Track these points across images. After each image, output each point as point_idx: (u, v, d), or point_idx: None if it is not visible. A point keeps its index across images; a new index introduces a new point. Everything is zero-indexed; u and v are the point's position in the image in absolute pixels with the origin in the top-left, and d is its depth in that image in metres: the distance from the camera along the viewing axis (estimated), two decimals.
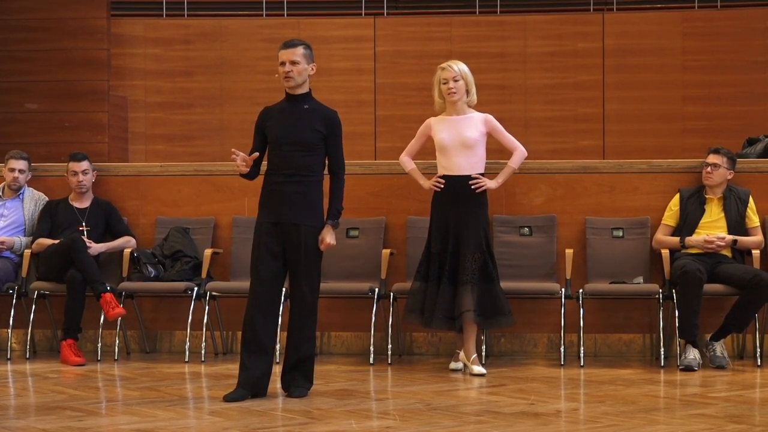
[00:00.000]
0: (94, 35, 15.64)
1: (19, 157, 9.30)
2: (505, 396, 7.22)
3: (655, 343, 8.71)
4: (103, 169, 9.52)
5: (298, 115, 7.16)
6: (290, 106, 7.21)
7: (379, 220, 9.13)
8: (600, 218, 9.01)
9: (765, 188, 8.84)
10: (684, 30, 15.30)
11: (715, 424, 6.21)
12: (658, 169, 9.11)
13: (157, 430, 6.10)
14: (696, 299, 8.25)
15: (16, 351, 9.10)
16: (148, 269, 8.93)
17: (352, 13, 15.75)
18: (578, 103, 15.27)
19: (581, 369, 8.34)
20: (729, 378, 7.94)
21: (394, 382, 7.95)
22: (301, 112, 7.17)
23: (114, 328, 8.93)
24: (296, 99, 7.21)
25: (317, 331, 9.00)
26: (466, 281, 8.04)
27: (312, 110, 7.19)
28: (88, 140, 14.48)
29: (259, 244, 7.10)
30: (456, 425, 6.23)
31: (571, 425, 6.42)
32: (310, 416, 6.53)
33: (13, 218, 9.25)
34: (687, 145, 13.38)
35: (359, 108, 15.44)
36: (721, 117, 14.74)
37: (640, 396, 7.22)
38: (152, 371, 8.30)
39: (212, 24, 15.04)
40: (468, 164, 8.15)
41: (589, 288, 8.63)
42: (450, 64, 8.20)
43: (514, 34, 15.41)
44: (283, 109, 7.22)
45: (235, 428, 6.14)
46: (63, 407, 6.80)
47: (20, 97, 15.45)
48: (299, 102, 7.20)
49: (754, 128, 10.73)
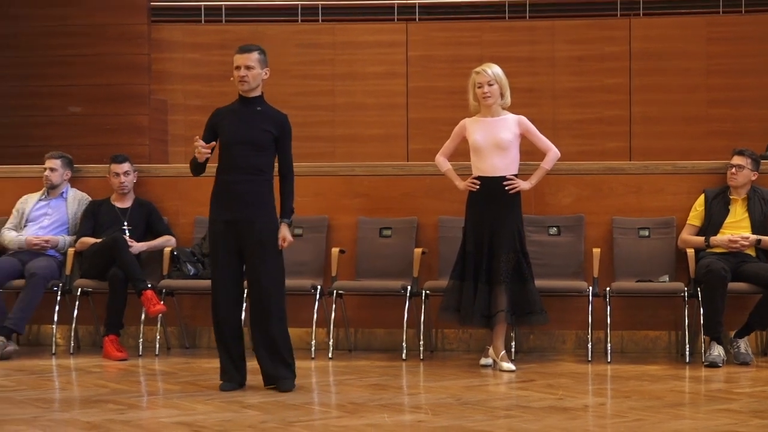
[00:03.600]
0: (134, 40, 15.71)
1: (51, 157, 9.36)
2: (533, 391, 7.23)
3: (680, 340, 8.70)
4: (144, 171, 9.57)
5: (250, 116, 7.26)
6: (243, 108, 7.30)
7: (411, 219, 9.14)
8: (627, 218, 9.00)
9: None
10: (709, 34, 15.27)
11: (739, 419, 6.20)
12: (683, 171, 9.09)
13: (196, 423, 6.13)
14: (720, 297, 8.24)
15: (61, 346, 9.15)
16: (187, 267, 8.97)
17: (385, 18, 15.77)
18: (605, 106, 15.25)
19: (608, 365, 8.33)
20: (753, 374, 7.92)
21: (426, 377, 7.96)
22: (253, 114, 7.27)
23: (155, 325, 8.97)
24: (249, 101, 7.30)
25: (351, 327, 9.08)
26: (501, 281, 8.04)
27: (264, 112, 7.30)
28: (129, 142, 14.53)
29: (216, 243, 7.24)
30: (486, 419, 6.24)
31: (598, 420, 6.42)
32: (345, 410, 6.56)
33: (56, 217, 9.30)
34: (711, 147, 13.33)
35: (392, 111, 15.46)
36: (745, 119, 14.70)
37: (665, 391, 7.21)
38: (192, 366, 8.34)
39: (249, 29, 15.08)
40: (502, 165, 8.14)
41: (615, 286, 8.62)
42: (485, 68, 8.18)
43: (543, 38, 15.41)
44: (235, 111, 7.32)
45: (273, 421, 6.17)
46: (105, 401, 6.85)
47: (63, 101, 15.53)
48: (252, 104, 7.30)
49: None
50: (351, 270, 9.10)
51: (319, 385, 7.67)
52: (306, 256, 9.06)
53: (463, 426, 6.03)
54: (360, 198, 9.29)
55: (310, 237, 9.14)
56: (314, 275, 8.99)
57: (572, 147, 13.03)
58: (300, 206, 8.60)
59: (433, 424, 6.11)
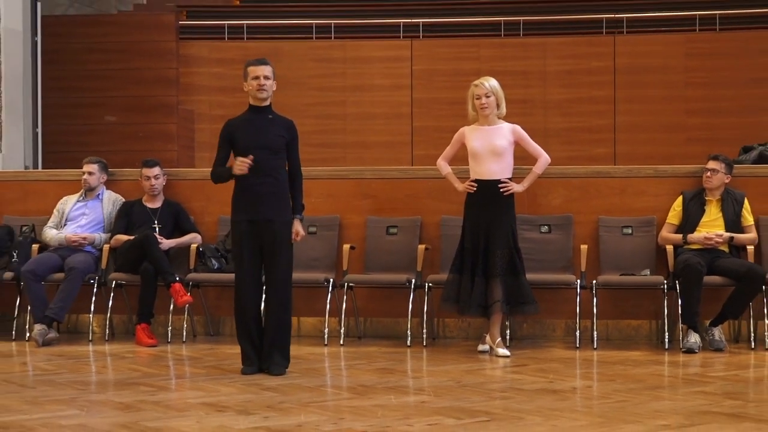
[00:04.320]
0: (164, 56, 15.75)
1: (89, 162, 9.37)
2: (527, 375, 7.22)
3: (660, 329, 8.68)
4: (173, 174, 9.57)
5: (264, 123, 7.29)
6: (256, 117, 7.33)
7: (416, 219, 9.13)
8: (611, 217, 8.98)
9: (758, 191, 8.79)
10: (686, 51, 15.25)
11: (713, 401, 6.19)
12: (663, 174, 9.07)
13: (219, 403, 6.14)
14: (697, 289, 8.22)
15: (97, 334, 9.16)
16: (212, 262, 8.97)
17: (392, 36, 15.77)
18: (592, 116, 15.22)
19: (594, 351, 8.32)
20: (726, 359, 7.90)
21: (429, 362, 7.96)
22: (266, 121, 7.31)
23: (182, 314, 8.97)
24: (261, 110, 7.34)
25: (360, 317, 9.07)
26: (496, 274, 8.03)
27: (275, 119, 7.35)
28: (159, 148, 14.56)
29: (240, 242, 7.26)
30: (483, 400, 6.24)
31: (586, 401, 6.41)
32: (355, 392, 6.55)
33: (93, 217, 9.30)
34: (689, 153, 13.29)
35: (398, 120, 15.44)
36: (719, 128, 14.67)
37: (646, 375, 7.20)
38: (216, 352, 8.34)
39: (268, 46, 15.07)
40: (498, 170, 8.13)
41: (601, 279, 8.61)
42: (482, 81, 8.18)
43: (535, 54, 15.39)
44: (249, 119, 7.35)
45: (289, 402, 6.17)
46: (137, 383, 6.85)
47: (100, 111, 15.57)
48: (263, 113, 7.33)
49: (749, 138, 10.65)
50: (360, 264, 9.09)
51: (331, 369, 7.67)
52: (319, 252, 9.06)
53: (463, 407, 6.02)
54: (369, 199, 9.28)
55: (323, 234, 9.14)
56: (327, 269, 8.98)
57: (562, 153, 13.00)
58: (313, 206, 8.64)
59: (435, 405, 6.10)
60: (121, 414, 5.87)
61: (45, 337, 8.61)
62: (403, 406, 6.13)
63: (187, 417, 5.80)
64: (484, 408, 5.97)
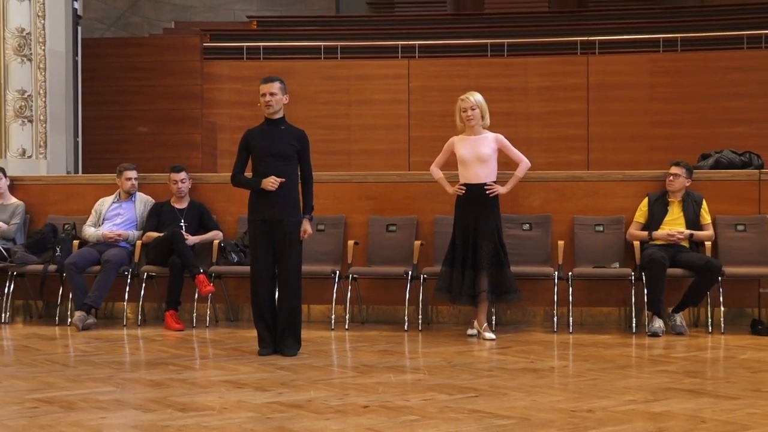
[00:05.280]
0: (190, 74, 15.77)
1: (132, 168, 9.37)
2: (510, 356, 7.21)
3: (628, 315, 8.67)
4: (197, 178, 9.55)
5: (277, 134, 7.28)
6: (270, 128, 7.32)
7: (412, 218, 9.11)
8: (585, 216, 8.97)
9: (715, 193, 8.78)
10: (651, 69, 15.27)
11: (675, 378, 6.18)
12: (630, 178, 9.06)
13: (239, 381, 6.13)
14: (660, 280, 8.22)
15: (130, 319, 9.15)
16: (232, 256, 8.95)
17: (391, 56, 15.79)
18: (568, 127, 15.24)
19: (570, 335, 8.30)
20: (686, 342, 7.89)
21: (423, 345, 7.94)
22: (279, 132, 7.29)
23: (206, 302, 8.96)
24: (274, 122, 7.33)
25: (363, 304, 9.06)
26: (483, 266, 8.02)
27: (287, 130, 7.33)
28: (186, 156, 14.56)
29: (255, 239, 7.26)
30: (472, 378, 6.23)
31: (562, 378, 6.41)
32: (359, 371, 6.54)
33: (127, 216, 9.29)
34: (653, 160, 13.29)
35: (396, 131, 15.45)
36: (680, 137, 14.68)
37: (616, 356, 7.19)
38: (235, 335, 8.33)
39: (282, 65, 15.08)
40: (484, 174, 8.12)
41: (576, 271, 8.59)
42: (468, 96, 8.17)
43: (518, 72, 15.41)
44: (264, 130, 7.34)
45: (300, 380, 6.16)
46: (166, 363, 6.85)
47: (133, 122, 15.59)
48: (277, 124, 7.32)
49: (707, 146, 10.64)
50: (363, 258, 9.08)
51: (337, 351, 7.66)
52: (327, 247, 9.05)
53: (453, 384, 6.01)
54: (371, 200, 9.27)
55: (331, 232, 9.13)
56: (334, 262, 8.97)
57: (541, 159, 13.00)
58: (322, 207, 8.63)
59: (429, 382, 6.10)
60: (152, 390, 5.87)
61: (84, 322, 8.60)
62: (401, 383, 6.12)
63: (210, 393, 5.80)
64: (472, 385, 5.96)
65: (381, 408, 5.32)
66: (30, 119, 13.14)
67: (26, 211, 9.65)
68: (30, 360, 7.02)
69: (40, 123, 13.20)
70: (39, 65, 13.17)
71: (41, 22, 13.16)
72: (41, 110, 13.22)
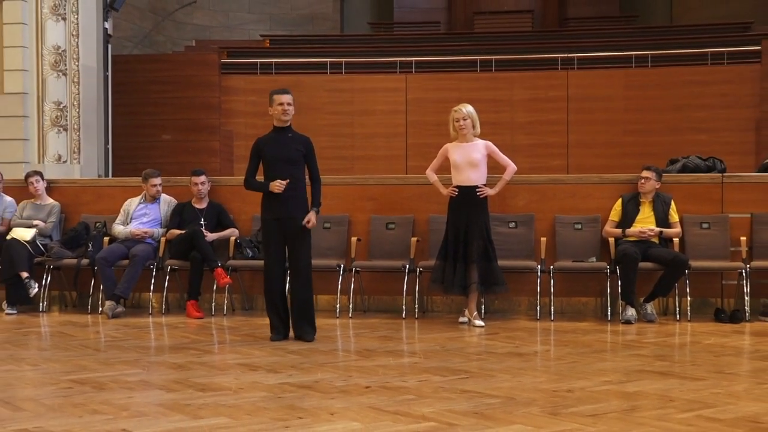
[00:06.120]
0: (209, 87, 15.77)
1: (157, 175, 9.35)
2: (498, 341, 7.20)
3: (603, 304, 8.65)
4: (216, 181, 9.54)
5: (286, 140, 7.28)
6: (279, 135, 7.31)
7: (409, 217, 9.10)
8: (565, 216, 8.95)
9: (682, 194, 8.77)
10: (625, 83, 15.28)
11: (646, 361, 6.17)
12: (606, 181, 9.05)
13: (253, 364, 6.12)
14: (633, 273, 8.21)
15: (155, 308, 9.13)
16: (247, 251, 8.94)
17: (390, 71, 15.81)
18: (550, 135, 15.25)
19: (551, 322, 8.29)
20: (656, 329, 7.88)
21: (419, 331, 7.93)
22: (288, 139, 7.29)
23: (223, 293, 8.95)
24: (283, 130, 7.32)
25: (365, 295, 9.04)
26: (473, 261, 8.00)
27: (294, 137, 7.32)
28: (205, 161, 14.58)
29: (268, 235, 7.26)
30: (463, 361, 6.22)
31: (545, 362, 6.39)
32: (361, 355, 6.53)
33: (153, 216, 9.28)
34: (627, 164, 13.29)
35: (395, 138, 15.46)
36: (651, 144, 14.69)
37: (593, 341, 7.18)
38: (250, 323, 8.31)
39: (292, 79, 15.08)
40: (474, 178, 8.09)
41: (557, 265, 8.58)
42: (460, 107, 8.16)
43: (504, 86, 15.42)
44: (274, 138, 7.32)
45: (308, 363, 6.15)
46: (188, 348, 6.84)
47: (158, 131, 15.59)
48: (285, 132, 7.32)
49: (675, 152, 10.64)
50: (365, 253, 9.06)
51: (341, 337, 7.65)
52: (332, 243, 9.03)
53: (447, 366, 6.00)
54: (372, 201, 9.26)
55: (336, 229, 9.11)
56: (339, 257, 8.95)
57: (525, 164, 13.00)
58: (328, 207, 8.62)
59: (425, 365, 6.09)
60: (175, 372, 5.85)
61: (114, 311, 8.60)
62: (399, 366, 6.11)
63: (227, 375, 5.79)
64: (463, 368, 5.95)
65: (381, 388, 5.30)
66: (65, 128, 13.14)
67: (61, 211, 9.65)
68: (65, 345, 7.02)
69: (74, 131, 13.20)
70: (73, 79, 13.17)
71: (75, 41, 13.17)
72: (75, 120, 13.21)
